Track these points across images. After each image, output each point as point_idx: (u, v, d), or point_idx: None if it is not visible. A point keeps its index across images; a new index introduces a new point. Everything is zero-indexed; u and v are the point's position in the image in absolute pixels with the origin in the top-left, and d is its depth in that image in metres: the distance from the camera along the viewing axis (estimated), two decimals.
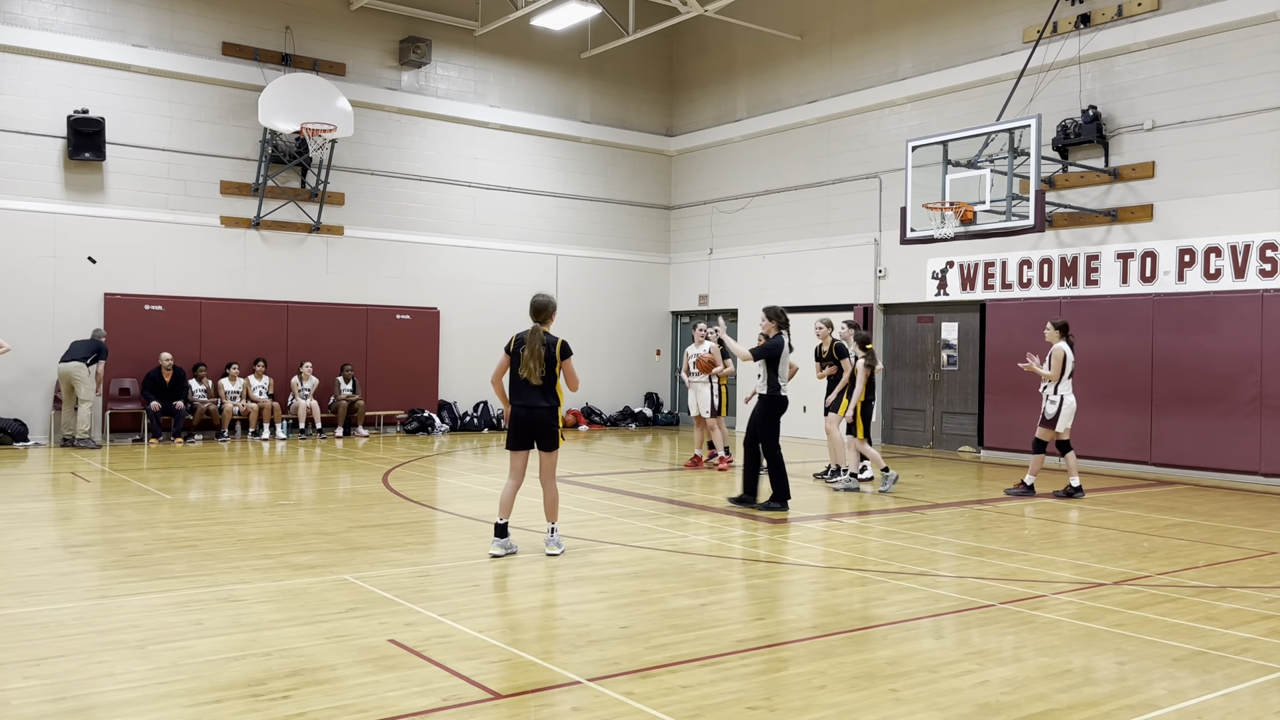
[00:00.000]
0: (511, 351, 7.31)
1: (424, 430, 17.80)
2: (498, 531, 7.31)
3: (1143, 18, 13.72)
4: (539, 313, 7.36)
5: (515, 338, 7.36)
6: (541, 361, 7.19)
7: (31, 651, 4.82)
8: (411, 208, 18.39)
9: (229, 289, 16.59)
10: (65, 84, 15.24)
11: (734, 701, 4.29)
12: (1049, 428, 10.69)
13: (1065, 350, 10.63)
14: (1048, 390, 10.70)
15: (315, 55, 17.29)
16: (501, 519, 7.32)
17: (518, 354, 7.26)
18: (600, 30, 19.40)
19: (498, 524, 7.32)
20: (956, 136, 13.45)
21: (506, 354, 7.34)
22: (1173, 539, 8.50)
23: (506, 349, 7.36)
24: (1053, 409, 10.63)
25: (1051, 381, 10.63)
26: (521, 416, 7.28)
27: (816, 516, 9.43)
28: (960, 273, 15.91)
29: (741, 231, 19.82)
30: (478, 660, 4.80)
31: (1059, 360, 10.60)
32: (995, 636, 5.41)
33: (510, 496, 7.33)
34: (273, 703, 4.17)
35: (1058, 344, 10.68)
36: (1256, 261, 12.67)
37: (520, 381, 7.26)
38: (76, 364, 14.22)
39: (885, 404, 17.24)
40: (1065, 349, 10.64)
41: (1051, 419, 10.64)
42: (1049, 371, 10.65)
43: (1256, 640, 5.37)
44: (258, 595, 6.01)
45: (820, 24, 18.33)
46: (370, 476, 11.83)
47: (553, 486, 7.46)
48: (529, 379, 7.21)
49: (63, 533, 8.16)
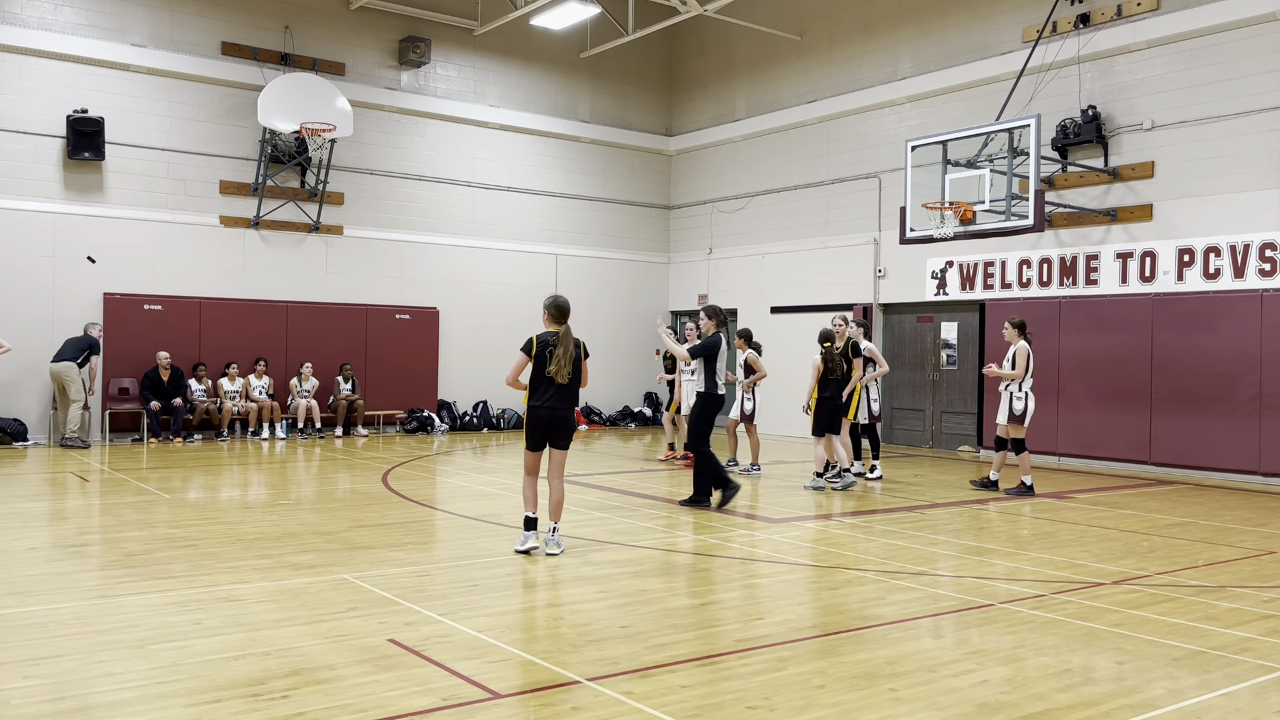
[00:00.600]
0: (535, 353, 7.30)
1: (423, 430, 17.80)
2: (528, 525, 7.38)
3: (1142, 17, 13.72)
4: (567, 314, 7.44)
5: (538, 339, 7.34)
6: (573, 362, 7.30)
7: (31, 651, 4.82)
8: (411, 207, 18.39)
9: (228, 289, 16.58)
10: (64, 83, 15.24)
11: (733, 701, 4.29)
12: (1019, 424, 10.71)
13: (1028, 348, 10.71)
14: (1012, 388, 10.73)
15: (315, 55, 17.29)
16: (533, 513, 7.40)
17: (543, 355, 7.27)
18: (600, 30, 19.40)
19: (529, 518, 7.38)
20: (956, 136, 13.45)
21: (526, 355, 7.32)
22: (1172, 539, 8.50)
23: (526, 350, 7.34)
24: (1021, 405, 10.67)
25: (1017, 380, 10.66)
26: (544, 417, 7.33)
27: (816, 517, 9.44)
28: (960, 272, 15.91)
29: (741, 231, 19.83)
30: (477, 660, 4.80)
31: (1024, 358, 10.64)
32: (994, 636, 5.41)
33: (535, 491, 7.44)
34: (272, 702, 4.17)
35: (1019, 342, 10.74)
36: (1256, 261, 12.67)
37: (546, 381, 7.30)
38: (66, 364, 14.21)
39: (885, 404, 17.23)
40: (1028, 346, 10.72)
41: (1020, 415, 10.68)
42: (1014, 371, 10.67)
43: (1256, 640, 5.37)
44: (257, 595, 6.01)
45: (820, 24, 18.33)
46: (370, 476, 11.83)
47: (561, 485, 7.52)
48: (558, 379, 7.26)
49: (62, 533, 8.16)
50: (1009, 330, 10.88)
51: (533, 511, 7.39)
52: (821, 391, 11.02)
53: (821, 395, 11.02)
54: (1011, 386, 10.76)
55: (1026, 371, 10.64)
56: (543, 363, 7.27)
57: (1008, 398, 10.77)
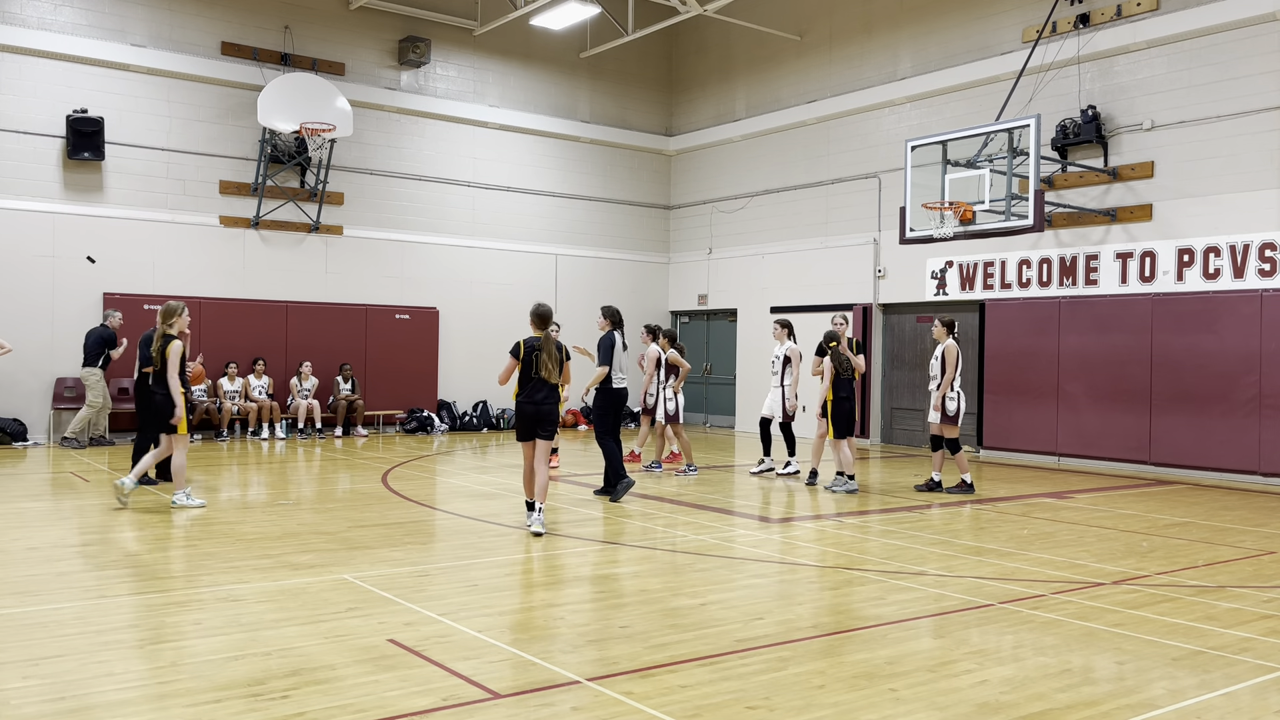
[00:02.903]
0: (523, 357, 8.17)
1: (423, 430, 17.80)
2: (531, 508, 8.25)
3: (1142, 17, 13.72)
4: (548, 320, 8.41)
5: (525, 344, 8.21)
6: (558, 363, 8.25)
7: (31, 651, 4.82)
8: (411, 207, 18.39)
9: (228, 289, 16.58)
10: (64, 83, 15.24)
11: (733, 701, 4.29)
12: (953, 424, 10.62)
13: (957, 348, 10.65)
14: (940, 386, 10.59)
15: (314, 55, 17.29)
16: (530, 498, 8.32)
17: (531, 359, 8.15)
18: (599, 30, 19.40)
19: (529, 502, 8.30)
20: (956, 136, 13.45)
21: (515, 359, 8.20)
22: (1172, 539, 8.50)
23: (514, 354, 8.21)
24: (953, 405, 10.58)
25: (949, 379, 10.54)
26: (529, 412, 8.22)
27: (816, 517, 9.44)
28: (959, 272, 15.91)
29: (741, 231, 19.83)
30: (477, 660, 4.80)
31: (953, 357, 10.57)
32: (994, 636, 5.41)
33: (531, 478, 8.30)
34: (272, 702, 4.17)
35: (948, 341, 10.66)
36: (1255, 261, 12.67)
37: (535, 381, 8.19)
38: (86, 370, 14.17)
39: (884, 404, 17.25)
40: (957, 346, 10.66)
41: (954, 415, 10.60)
42: (947, 372, 10.53)
43: (1255, 640, 5.37)
44: (257, 595, 6.01)
45: (819, 24, 18.33)
46: (369, 476, 11.83)
47: (545, 470, 8.24)
48: (548, 378, 8.18)
49: (62, 532, 8.16)
50: (938, 329, 10.78)
51: (530, 497, 8.32)
52: (837, 393, 10.96)
53: (837, 396, 10.96)
54: (938, 385, 10.63)
55: (955, 371, 10.55)
56: (529, 365, 8.16)
57: (939, 398, 10.62)
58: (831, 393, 10.94)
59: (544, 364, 8.14)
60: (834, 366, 10.89)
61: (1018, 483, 12.26)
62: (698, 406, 20.74)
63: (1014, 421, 14.98)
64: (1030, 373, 14.80)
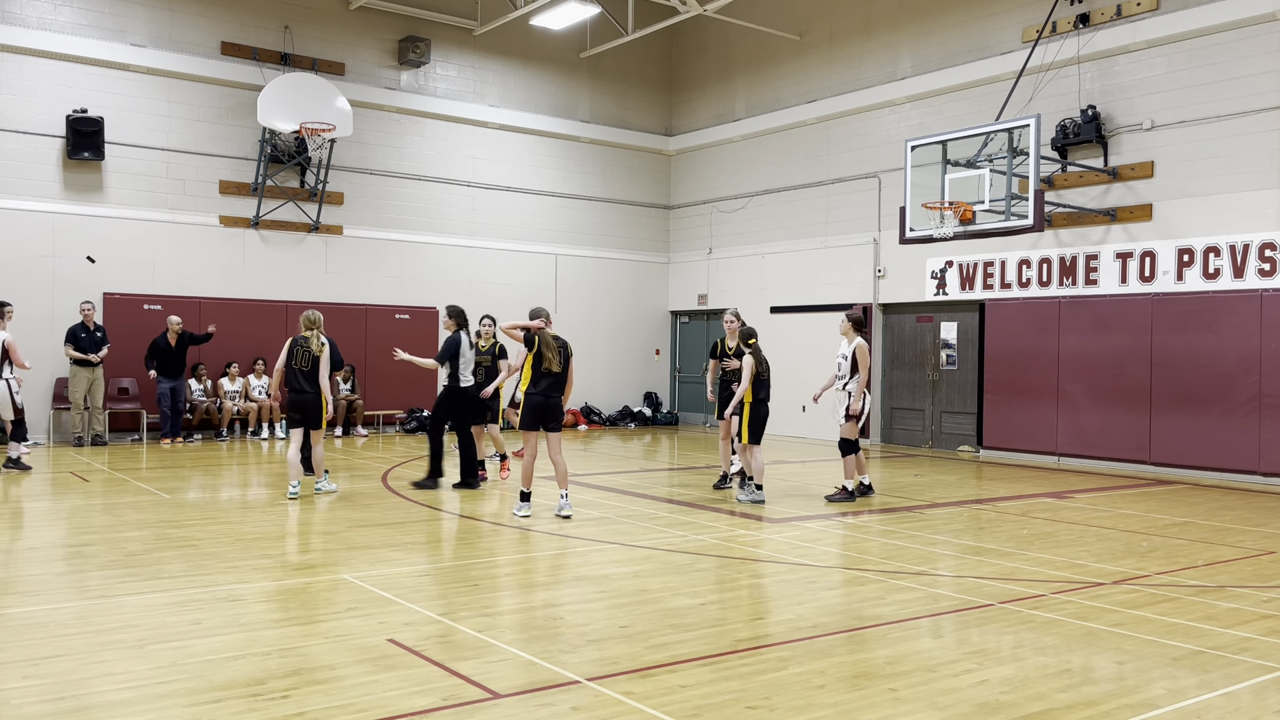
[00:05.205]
0: (537, 351, 8.67)
1: (423, 430, 17.79)
2: (523, 498, 8.77)
3: (1142, 17, 13.72)
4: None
5: (539, 337, 8.74)
6: (564, 359, 8.76)
7: (31, 651, 4.82)
8: (410, 207, 18.39)
9: (228, 288, 16.58)
10: (64, 83, 15.23)
11: (733, 701, 4.29)
12: (854, 424, 10.14)
13: (866, 345, 10.19)
14: (850, 386, 10.12)
15: (314, 55, 17.28)
16: (526, 488, 8.80)
17: (542, 352, 8.65)
18: (599, 30, 19.40)
19: (524, 492, 8.78)
20: (956, 136, 13.44)
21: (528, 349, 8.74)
22: (1172, 538, 8.50)
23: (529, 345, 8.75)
24: (859, 405, 10.09)
25: (864, 380, 10.08)
26: (539, 403, 8.69)
27: (816, 517, 9.44)
28: (959, 272, 15.91)
29: (741, 231, 19.82)
30: (477, 660, 4.80)
31: (864, 355, 10.10)
32: (994, 636, 5.41)
33: (531, 469, 8.79)
34: (272, 702, 4.17)
35: (858, 339, 10.17)
36: (1255, 261, 12.67)
37: (542, 374, 8.66)
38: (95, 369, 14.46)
39: (884, 403, 17.25)
40: (866, 344, 10.19)
41: (858, 414, 10.11)
42: (860, 372, 10.07)
43: (1255, 640, 5.37)
44: (257, 595, 6.01)
45: (819, 23, 18.33)
46: (369, 476, 11.82)
47: (562, 459, 8.85)
48: (553, 370, 8.66)
49: (62, 532, 8.16)
50: (844, 325, 10.28)
51: (527, 487, 8.78)
52: (756, 394, 10.06)
53: (756, 398, 10.07)
54: (848, 385, 10.18)
55: (868, 371, 10.11)
56: (540, 359, 8.65)
57: (845, 397, 10.19)
58: (750, 394, 9.99)
59: (549, 359, 8.61)
60: (754, 365, 9.95)
61: (1018, 483, 12.26)
62: (698, 406, 20.75)
63: (1014, 421, 14.98)
64: (1030, 373, 14.80)
